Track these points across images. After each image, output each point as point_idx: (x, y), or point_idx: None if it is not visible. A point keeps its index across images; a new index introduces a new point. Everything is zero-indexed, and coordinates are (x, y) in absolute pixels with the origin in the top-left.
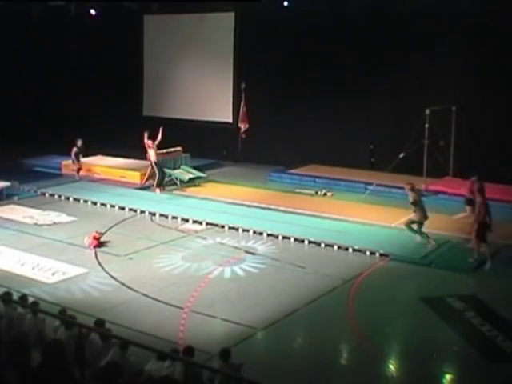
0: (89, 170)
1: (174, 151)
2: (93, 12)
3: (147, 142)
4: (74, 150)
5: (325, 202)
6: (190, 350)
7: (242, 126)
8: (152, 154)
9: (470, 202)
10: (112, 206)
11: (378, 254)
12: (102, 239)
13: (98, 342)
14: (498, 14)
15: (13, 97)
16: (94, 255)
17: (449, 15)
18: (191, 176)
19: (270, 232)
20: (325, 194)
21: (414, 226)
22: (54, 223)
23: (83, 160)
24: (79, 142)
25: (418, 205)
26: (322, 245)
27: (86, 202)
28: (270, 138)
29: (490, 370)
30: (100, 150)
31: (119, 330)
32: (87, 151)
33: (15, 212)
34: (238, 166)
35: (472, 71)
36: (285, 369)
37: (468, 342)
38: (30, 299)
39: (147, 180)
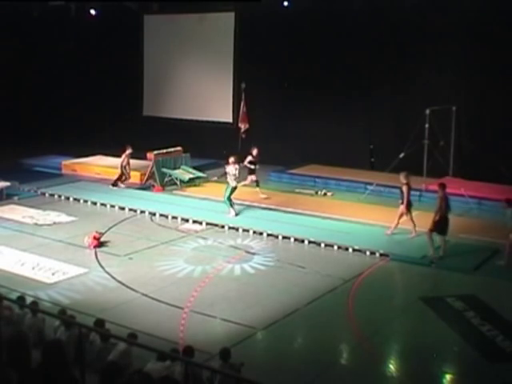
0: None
1: (174, 151)
2: (93, 12)
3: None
4: (248, 159)
5: (325, 202)
6: (189, 350)
7: (242, 126)
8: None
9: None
10: (112, 206)
11: (377, 254)
12: (102, 239)
13: (98, 341)
14: (498, 13)
15: (13, 97)
16: (94, 255)
17: (449, 15)
18: (191, 176)
19: (269, 232)
20: (325, 194)
21: None
22: (54, 223)
23: (85, 160)
24: (255, 151)
25: None
26: (322, 245)
27: (85, 201)
28: (270, 138)
29: (489, 369)
30: (100, 150)
31: (119, 329)
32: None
33: (15, 212)
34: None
35: (472, 71)
36: (285, 369)
37: (468, 341)
38: (30, 299)
39: (147, 180)
